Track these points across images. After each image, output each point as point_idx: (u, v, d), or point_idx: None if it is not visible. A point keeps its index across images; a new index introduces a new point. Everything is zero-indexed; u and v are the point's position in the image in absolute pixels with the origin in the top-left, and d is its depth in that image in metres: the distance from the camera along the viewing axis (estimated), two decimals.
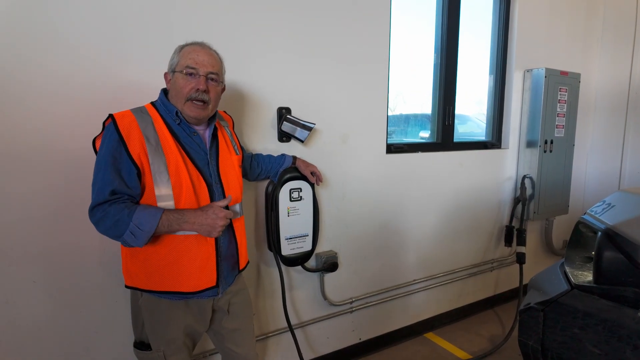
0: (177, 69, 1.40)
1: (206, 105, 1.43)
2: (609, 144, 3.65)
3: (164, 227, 1.31)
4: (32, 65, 1.51)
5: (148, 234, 1.29)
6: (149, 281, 1.42)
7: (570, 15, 3.38)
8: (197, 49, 1.43)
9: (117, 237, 1.31)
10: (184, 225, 1.34)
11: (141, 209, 1.30)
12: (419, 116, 2.98)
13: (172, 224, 1.32)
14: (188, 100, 1.40)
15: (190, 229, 1.36)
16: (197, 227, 1.35)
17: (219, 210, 1.38)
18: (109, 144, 1.30)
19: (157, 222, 1.29)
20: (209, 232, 1.37)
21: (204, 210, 1.37)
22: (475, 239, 3.10)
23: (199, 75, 1.40)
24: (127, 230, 1.28)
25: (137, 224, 1.28)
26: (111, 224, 1.28)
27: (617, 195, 1.75)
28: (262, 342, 2.22)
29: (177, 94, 1.41)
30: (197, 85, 1.39)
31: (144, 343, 1.54)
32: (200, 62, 1.40)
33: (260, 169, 1.95)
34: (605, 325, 1.41)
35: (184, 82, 1.39)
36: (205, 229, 1.36)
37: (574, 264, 1.75)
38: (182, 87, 1.39)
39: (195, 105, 1.41)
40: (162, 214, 1.31)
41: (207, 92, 1.42)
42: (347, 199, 2.40)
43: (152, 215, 1.29)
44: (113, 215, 1.27)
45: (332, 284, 2.42)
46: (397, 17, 2.55)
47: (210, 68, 1.43)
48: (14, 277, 1.57)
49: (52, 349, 1.67)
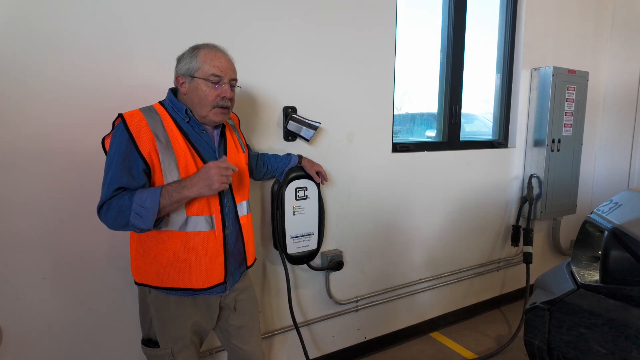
0: (199, 75, 1.41)
1: (228, 111, 1.48)
2: (618, 143, 3.61)
3: (166, 200, 1.30)
4: (35, 66, 1.54)
5: (153, 211, 1.29)
6: (158, 278, 1.44)
7: (579, 12, 3.35)
8: (218, 54, 1.44)
9: (126, 225, 1.31)
10: (183, 191, 1.32)
11: (140, 190, 1.31)
12: (425, 115, 2.97)
13: (172, 193, 1.31)
14: (214, 107, 1.43)
15: (192, 193, 1.33)
16: (197, 187, 1.33)
17: (210, 163, 1.35)
18: (119, 143, 1.32)
19: (159, 196, 1.29)
20: (209, 186, 1.33)
21: (198, 171, 1.36)
22: (481, 239, 3.08)
23: (223, 83, 1.43)
24: (131, 213, 1.28)
25: (139, 203, 1.28)
26: (115, 213, 1.30)
27: (624, 194, 1.73)
28: (268, 340, 2.24)
29: (201, 101, 1.42)
30: (224, 93, 1.43)
31: (152, 340, 1.56)
32: (224, 69, 1.43)
33: (266, 168, 1.96)
34: (612, 325, 1.40)
35: (209, 90, 1.41)
36: (204, 185, 1.33)
37: (581, 263, 1.74)
38: (206, 94, 1.41)
39: (221, 111, 1.45)
40: (161, 189, 1.31)
41: (230, 98, 1.46)
42: (352, 198, 2.41)
43: (152, 192, 1.30)
44: (115, 204, 1.30)
45: (338, 283, 2.43)
46: (403, 16, 2.55)
47: (233, 74, 1.47)
48: (24, 274, 1.60)
49: (60, 345, 1.70)
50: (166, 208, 1.33)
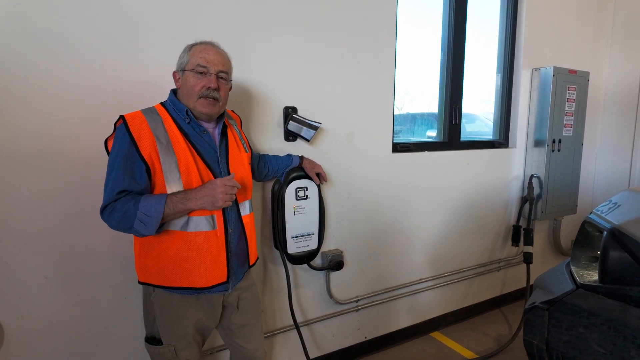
0: (187, 68, 1.44)
1: (217, 102, 1.48)
2: (619, 144, 3.61)
3: (170, 210, 1.33)
4: (36, 65, 1.55)
5: (156, 219, 1.31)
6: (161, 277, 1.45)
7: (580, 12, 3.35)
8: (207, 48, 1.46)
9: (129, 229, 1.34)
10: (188, 203, 1.35)
11: (145, 197, 1.33)
12: (426, 115, 2.98)
13: (176, 204, 1.34)
14: (200, 97, 1.44)
15: (196, 205, 1.36)
16: (201, 201, 1.36)
17: (217, 180, 1.38)
18: (121, 144, 1.34)
19: (163, 206, 1.32)
20: (212, 202, 1.36)
21: (204, 185, 1.39)
22: (482, 239, 3.09)
23: (209, 74, 1.44)
24: (135, 219, 1.31)
25: (144, 211, 1.31)
26: (120, 217, 1.32)
27: (623, 195, 1.74)
28: (268, 339, 2.25)
29: (189, 92, 1.44)
30: (208, 83, 1.43)
31: (155, 338, 1.57)
32: (211, 60, 1.44)
33: (267, 169, 1.97)
34: (611, 325, 1.40)
35: (195, 80, 1.43)
36: (208, 200, 1.36)
37: (580, 264, 1.74)
38: (193, 85, 1.43)
39: (207, 102, 1.45)
40: (166, 198, 1.33)
41: (217, 89, 1.46)
42: (353, 198, 2.42)
43: (157, 201, 1.32)
44: (120, 209, 1.31)
45: (338, 283, 2.44)
46: (404, 16, 2.55)
47: (221, 67, 1.47)
48: (26, 273, 1.61)
49: (63, 343, 1.71)
50: (169, 217, 1.36)
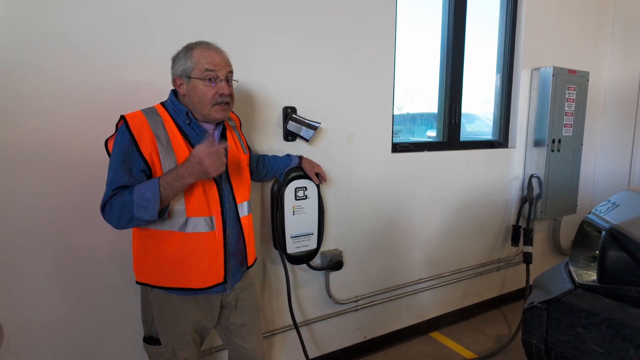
0: (194, 75, 1.41)
1: (229, 106, 1.49)
2: (619, 143, 3.60)
3: (165, 189, 1.31)
4: (40, 67, 1.55)
5: (155, 200, 1.30)
6: (159, 277, 1.45)
7: (580, 12, 3.35)
8: (208, 50, 1.44)
9: (131, 220, 1.33)
10: (183, 180, 1.32)
11: (138, 185, 1.33)
12: (426, 115, 2.98)
13: (171, 183, 1.32)
14: (214, 105, 1.44)
15: (192, 180, 1.34)
16: (195, 176, 1.33)
17: (199, 153, 1.32)
18: (121, 144, 1.34)
19: (157, 185, 1.30)
20: (205, 174, 1.34)
21: (188, 160, 1.34)
22: (481, 238, 3.09)
23: (219, 79, 1.43)
24: (134, 206, 1.30)
25: (140, 195, 1.30)
26: (119, 209, 1.31)
27: (622, 195, 1.74)
28: (267, 339, 2.25)
29: (200, 101, 1.42)
30: (221, 90, 1.43)
31: (154, 338, 1.58)
32: (218, 63, 1.43)
33: (266, 170, 1.98)
34: (609, 325, 1.41)
35: (206, 88, 1.41)
36: (199, 170, 1.32)
37: (579, 263, 1.75)
38: (205, 93, 1.41)
39: (222, 107, 1.46)
40: (159, 179, 1.32)
41: (229, 94, 1.47)
42: (352, 198, 2.42)
43: (149, 184, 1.32)
44: (117, 201, 1.32)
45: (338, 283, 2.44)
46: (403, 16, 2.55)
47: (228, 67, 1.47)
48: (26, 273, 1.61)
49: (62, 343, 1.71)
50: (169, 197, 1.34)
